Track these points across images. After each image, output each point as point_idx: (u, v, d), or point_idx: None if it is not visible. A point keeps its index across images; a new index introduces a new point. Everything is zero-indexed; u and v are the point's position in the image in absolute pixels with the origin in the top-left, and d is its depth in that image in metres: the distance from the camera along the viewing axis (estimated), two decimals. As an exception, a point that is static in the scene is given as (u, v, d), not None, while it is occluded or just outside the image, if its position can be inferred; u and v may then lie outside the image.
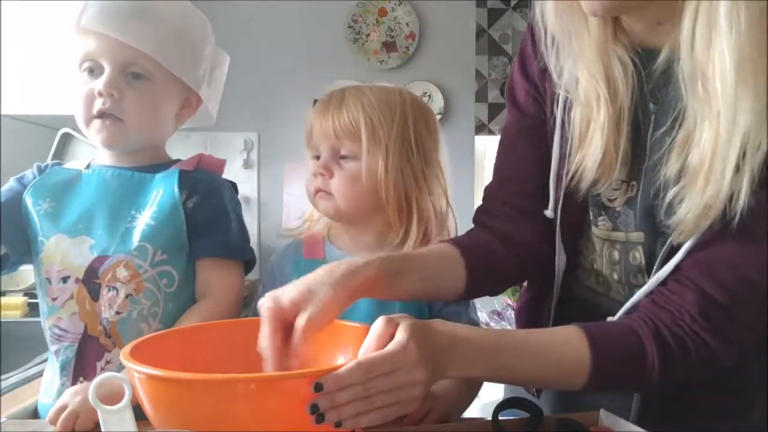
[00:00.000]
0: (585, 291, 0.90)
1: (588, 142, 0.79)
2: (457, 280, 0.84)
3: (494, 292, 0.92)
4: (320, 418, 0.59)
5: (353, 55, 2.75)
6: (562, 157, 0.84)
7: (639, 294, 0.78)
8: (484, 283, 0.87)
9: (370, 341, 0.65)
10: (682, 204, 0.70)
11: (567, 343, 0.72)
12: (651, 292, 0.76)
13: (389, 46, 2.75)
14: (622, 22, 0.78)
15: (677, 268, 0.74)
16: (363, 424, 0.61)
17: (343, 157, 0.99)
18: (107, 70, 0.93)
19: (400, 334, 0.64)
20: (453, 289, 0.84)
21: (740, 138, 0.65)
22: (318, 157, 1.01)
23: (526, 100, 0.89)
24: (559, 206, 0.85)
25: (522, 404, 0.77)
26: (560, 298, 0.90)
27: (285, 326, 0.68)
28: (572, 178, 0.81)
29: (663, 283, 0.75)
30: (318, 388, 0.59)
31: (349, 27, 2.75)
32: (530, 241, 0.88)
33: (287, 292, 0.69)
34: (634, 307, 0.78)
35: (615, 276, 0.85)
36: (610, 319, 0.79)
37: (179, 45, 0.97)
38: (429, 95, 2.73)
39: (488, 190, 0.93)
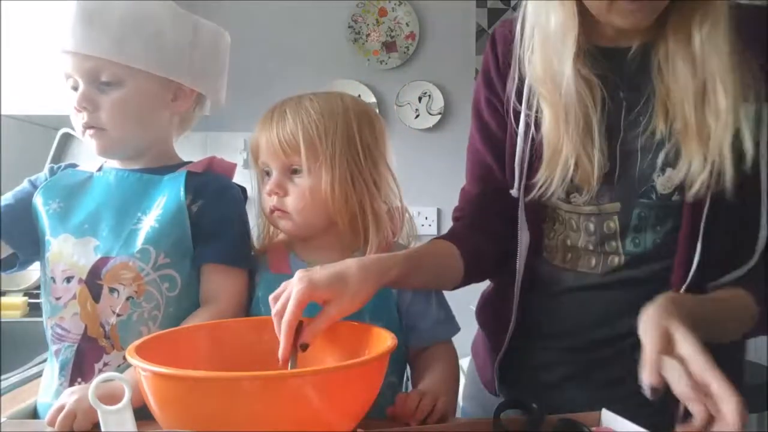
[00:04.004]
0: (549, 269, 0.96)
1: (552, 166, 0.87)
2: (457, 273, 0.96)
3: (481, 280, 1.05)
4: None
5: (353, 55, 2.74)
6: (525, 143, 0.90)
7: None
8: (475, 274, 0.99)
9: None
10: (680, 160, 0.81)
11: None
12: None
13: (389, 46, 2.75)
14: (600, 27, 0.85)
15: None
16: None
17: (295, 172, 0.97)
18: (80, 84, 0.94)
19: None
20: (453, 280, 0.97)
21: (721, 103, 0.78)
22: (268, 173, 1.00)
23: (488, 109, 0.97)
24: (522, 186, 0.92)
25: (523, 405, 0.77)
26: (524, 278, 0.95)
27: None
28: (540, 186, 0.88)
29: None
30: None
31: (349, 27, 2.74)
32: (505, 233, 0.97)
33: (321, 278, 0.77)
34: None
35: (590, 246, 0.91)
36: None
37: (140, 38, 0.93)
38: (429, 95, 2.73)
39: (464, 192, 1.04)
